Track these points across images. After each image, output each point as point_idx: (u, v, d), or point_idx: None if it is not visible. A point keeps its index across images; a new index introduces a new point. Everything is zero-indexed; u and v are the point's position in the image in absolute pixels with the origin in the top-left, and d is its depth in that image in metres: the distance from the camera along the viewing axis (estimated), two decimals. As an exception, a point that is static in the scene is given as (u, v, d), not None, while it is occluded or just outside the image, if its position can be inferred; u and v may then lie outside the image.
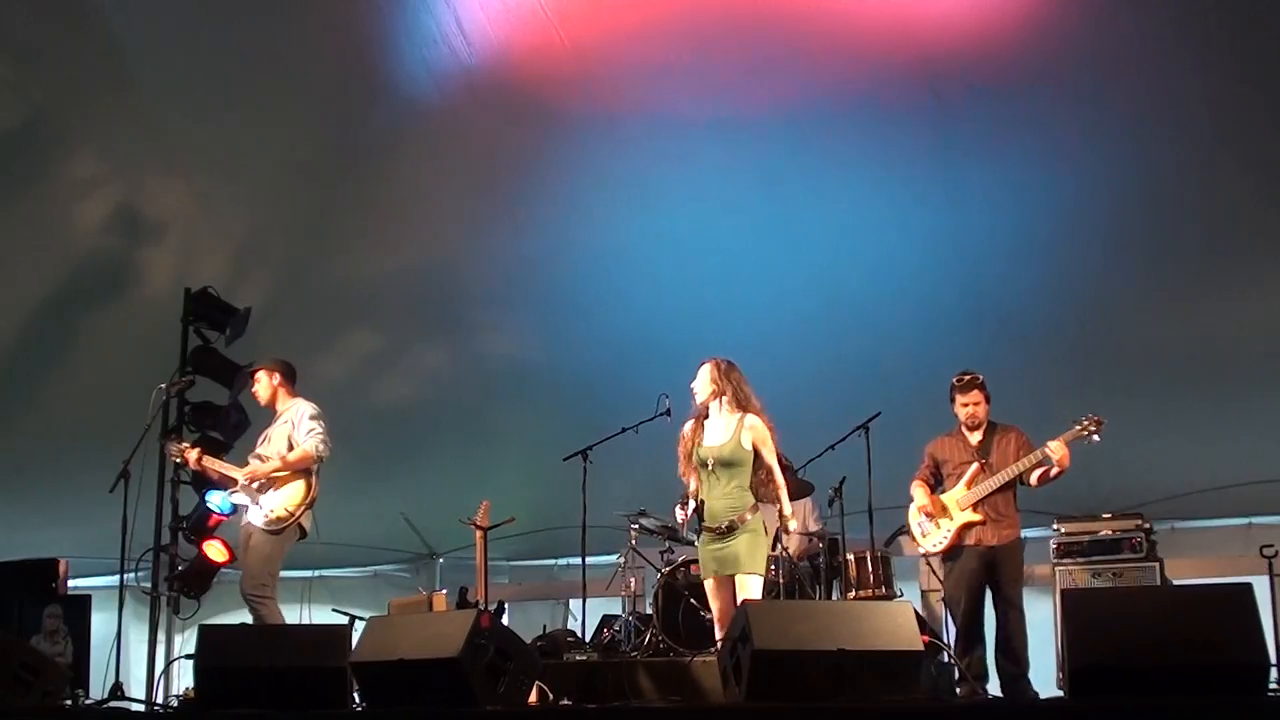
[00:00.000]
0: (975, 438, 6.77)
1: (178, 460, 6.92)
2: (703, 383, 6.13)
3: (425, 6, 7.88)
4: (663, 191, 8.47)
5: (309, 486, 6.89)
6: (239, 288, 7.99)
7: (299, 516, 6.81)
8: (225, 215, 8.95)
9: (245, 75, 8.20)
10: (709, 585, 6.09)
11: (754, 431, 6.05)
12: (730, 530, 5.96)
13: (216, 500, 6.97)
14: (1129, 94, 7.52)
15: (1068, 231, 8.12)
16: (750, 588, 5.92)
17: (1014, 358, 8.42)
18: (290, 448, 6.91)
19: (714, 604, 6.08)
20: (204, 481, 7.06)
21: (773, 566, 7.53)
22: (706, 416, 6.14)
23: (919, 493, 6.79)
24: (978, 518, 6.56)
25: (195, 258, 8.92)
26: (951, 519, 6.62)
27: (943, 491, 6.76)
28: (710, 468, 6.04)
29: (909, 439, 8.28)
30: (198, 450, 6.93)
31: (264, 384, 7.06)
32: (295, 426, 6.94)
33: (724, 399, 6.10)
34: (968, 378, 6.73)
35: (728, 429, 6.07)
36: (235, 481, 6.92)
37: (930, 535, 6.72)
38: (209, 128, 8.47)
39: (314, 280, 9.18)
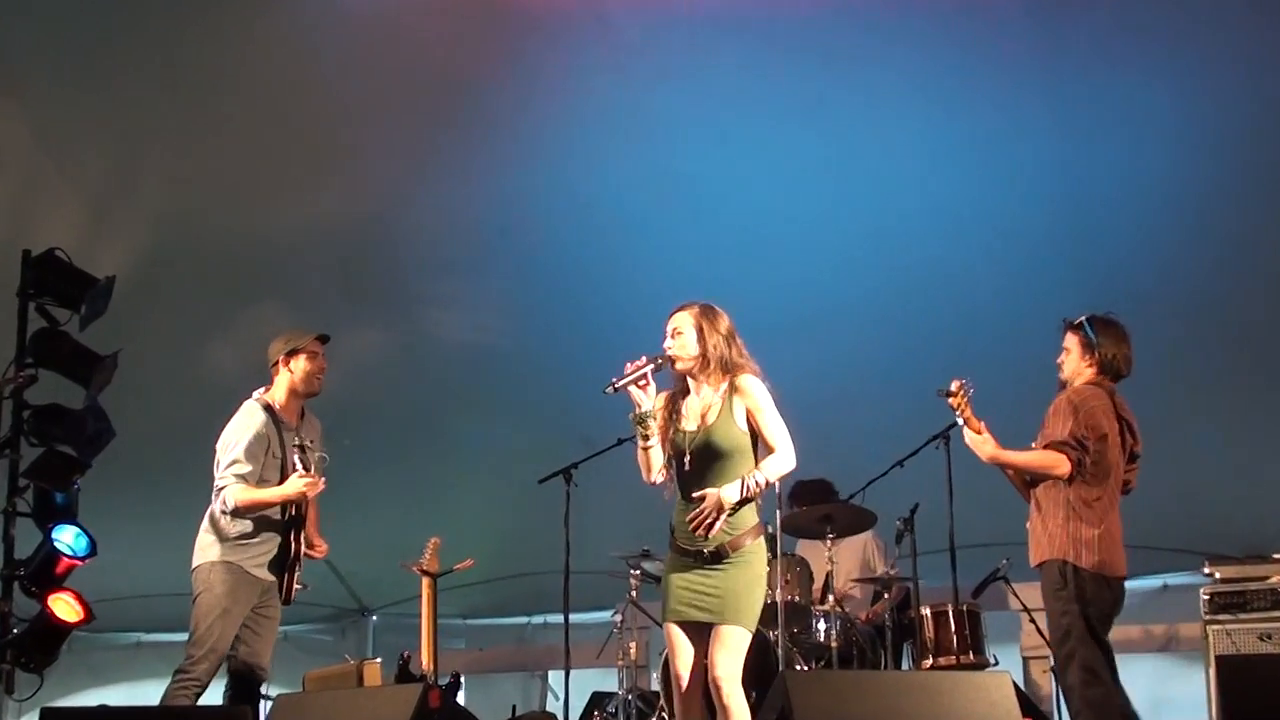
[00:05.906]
0: None
1: None
2: (686, 342, 5.51)
3: None
4: (669, 118, 8.47)
5: None
6: (98, 250, 7.88)
7: None
8: (78, 152, 8.85)
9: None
10: (671, 632, 5.46)
11: (748, 397, 5.48)
12: (717, 558, 5.35)
13: (68, 537, 6.79)
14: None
15: (1204, 164, 8.13)
16: (734, 645, 5.33)
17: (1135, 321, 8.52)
18: None
19: (676, 660, 5.46)
20: (49, 512, 6.86)
21: (821, 624, 7.58)
22: (687, 391, 5.54)
23: None
24: None
25: (37, 210, 8.81)
26: None
27: None
28: (688, 464, 5.43)
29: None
30: None
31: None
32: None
33: (711, 363, 5.52)
34: None
35: (715, 405, 5.50)
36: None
37: None
38: (56, 34, 8.35)
39: (202, 240, 9.08)
